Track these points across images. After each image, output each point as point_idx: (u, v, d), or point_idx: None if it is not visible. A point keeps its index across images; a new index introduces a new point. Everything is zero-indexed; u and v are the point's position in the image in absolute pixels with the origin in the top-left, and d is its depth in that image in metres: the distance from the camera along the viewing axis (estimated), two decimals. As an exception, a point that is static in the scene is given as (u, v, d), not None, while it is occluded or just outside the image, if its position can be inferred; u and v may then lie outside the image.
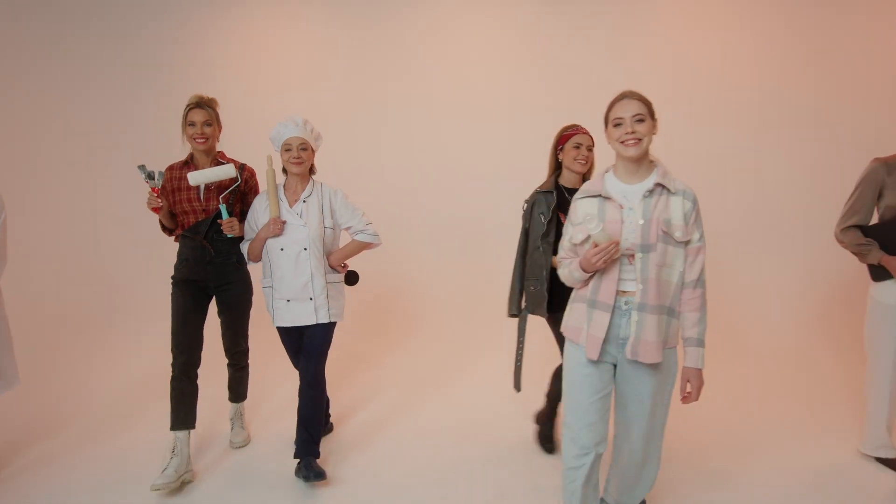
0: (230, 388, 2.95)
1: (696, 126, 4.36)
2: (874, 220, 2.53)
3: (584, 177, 2.50)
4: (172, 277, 2.67)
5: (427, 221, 4.67)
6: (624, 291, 1.74)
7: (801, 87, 4.28)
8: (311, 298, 2.57)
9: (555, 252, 2.41)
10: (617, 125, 1.75)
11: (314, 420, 2.56)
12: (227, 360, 2.89)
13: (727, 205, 4.37)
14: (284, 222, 2.55)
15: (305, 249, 2.56)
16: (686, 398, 1.77)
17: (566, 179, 2.49)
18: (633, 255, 1.71)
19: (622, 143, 1.73)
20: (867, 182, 2.34)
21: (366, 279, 3.25)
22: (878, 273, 2.35)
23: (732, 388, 3.42)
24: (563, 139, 2.48)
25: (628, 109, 1.73)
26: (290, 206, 2.59)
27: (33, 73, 4.45)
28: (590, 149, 2.45)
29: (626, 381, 1.82)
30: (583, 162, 2.43)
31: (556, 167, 2.53)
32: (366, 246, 2.68)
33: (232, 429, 2.96)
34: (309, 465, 2.46)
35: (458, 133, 4.58)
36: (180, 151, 2.75)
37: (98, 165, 4.50)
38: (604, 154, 2.36)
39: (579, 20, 4.42)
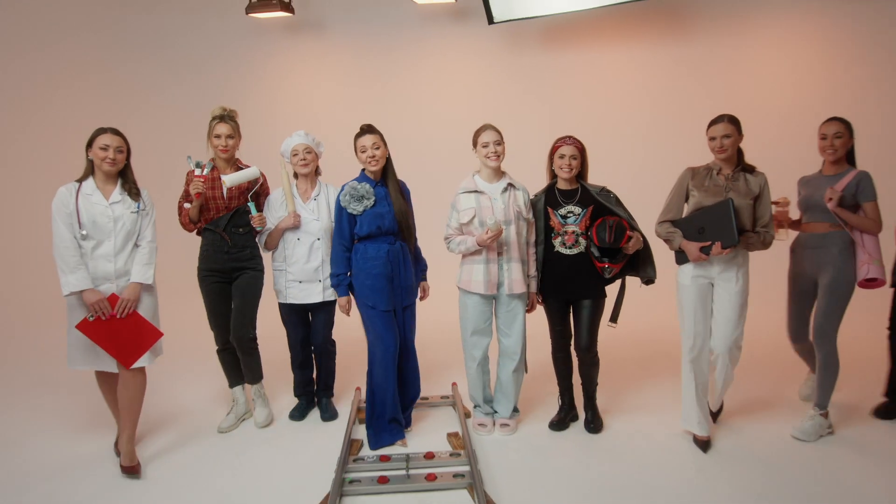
0: (245, 372, 3.12)
1: (618, 141, 5.49)
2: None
3: (579, 177, 2.87)
4: (198, 269, 3.03)
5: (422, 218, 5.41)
6: (501, 252, 2.81)
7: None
8: (320, 280, 3.03)
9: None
10: (484, 146, 2.82)
11: (328, 371, 3.29)
12: (237, 348, 3.05)
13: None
14: (300, 216, 3.00)
15: (318, 239, 3.03)
16: (530, 310, 2.97)
17: (560, 183, 2.89)
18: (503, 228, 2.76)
19: (487, 157, 2.81)
20: (677, 186, 2.82)
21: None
22: (680, 258, 2.79)
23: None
24: (553, 150, 2.87)
25: (491, 137, 2.81)
26: (304, 203, 3.05)
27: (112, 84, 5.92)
28: (574, 157, 2.79)
29: (506, 311, 2.91)
30: (566, 170, 2.80)
31: (554, 173, 2.90)
32: None
33: (255, 409, 3.14)
34: (328, 404, 3.24)
35: (448, 144, 5.44)
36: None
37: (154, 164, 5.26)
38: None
39: (533, 70, 5.70)
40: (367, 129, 2.85)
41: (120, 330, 2.51)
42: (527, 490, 2.47)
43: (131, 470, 2.57)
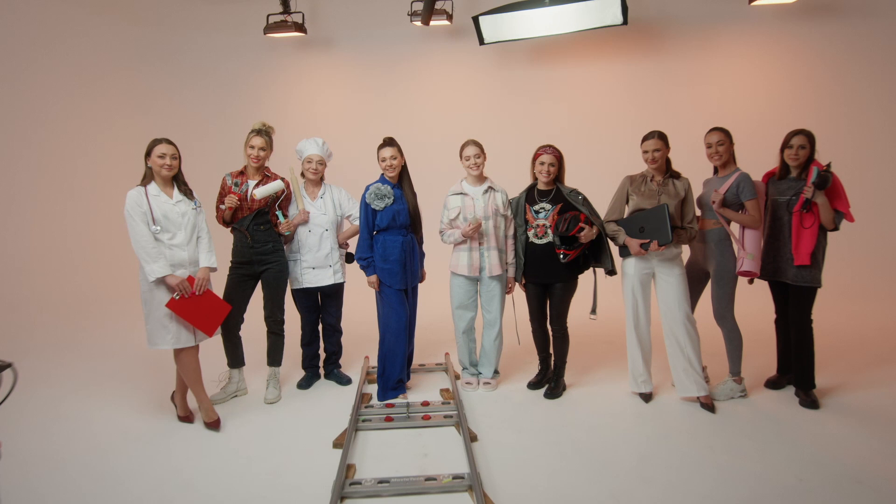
0: (268, 353, 3.62)
1: (596, 146, 6.18)
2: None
3: (557, 180, 3.42)
4: (230, 262, 3.50)
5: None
6: (482, 242, 3.50)
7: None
8: (330, 266, 3.62)
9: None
10: (467, 159, 3.51)
11: (338, 346, 3.86)
12: (266, 329, 3.58)
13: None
14: (309, 213, 3.58)
15: (326, 230, 3.61)
16: (509, 291, 3.62)
17: (540, 184, 3.46)
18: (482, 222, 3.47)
19: (469, 168, 3.52)
20: (618, 191, 3.41)
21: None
22: (624, 252, 3.37)
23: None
24: (534, 157, 3.44)
25: (472, 151, 3.50)
26: (312, 201, 3.62)
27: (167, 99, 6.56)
28: (552, 164, 3.32)
29: (487, 290, 3.61)
30: (545, 175, 3.35)
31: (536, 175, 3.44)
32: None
33: (266, 388, 3.61)
34: (340, 373, 3.87)
35: (443, 150, 6.01)
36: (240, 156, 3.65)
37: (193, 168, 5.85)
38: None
39: (520, 84, 6.43)
40: (388, 143, 3.46)
41: (199, 306, 3.02)
42: (502, 428, 3.16)
43: (186, 420, 3.26)
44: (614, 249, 3.48)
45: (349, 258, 3.77)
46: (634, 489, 2.55)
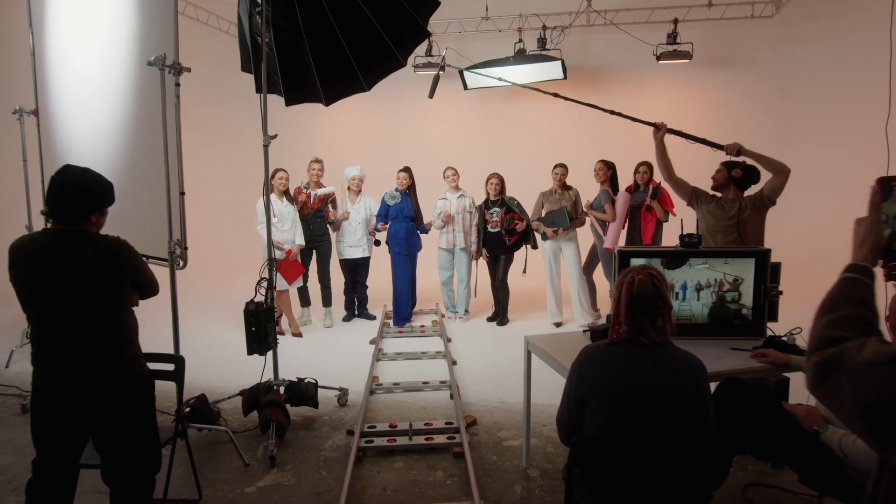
0: (323, 299, 5.86)
1: (541, 164, 7.85)
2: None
3: (501, 193, 5.72)
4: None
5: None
6: (454, 228, 5.47)
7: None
8: (361, 246, 5.88)
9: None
10: (447, 177, 5.64)
11: (365, 295, 6.04)
12: (320, 285, 5.94)
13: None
14: (349, 213, 5.87)
15: (359, 224, 5.86)
16: (473, 259, 5.57)
17: (491, 196, 5.74)
18: (454, 216, 5.47)
19: (449, 182, 5.58)
20: (537, 201, 5.59)
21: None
22: (543, 236, 5.57)
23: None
24: (487, 180, 5.75)
25: (450, 173, 5.66)
26: (353, 205, 5.93)
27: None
28: (497, 185, 5.65)
29: (459, 259, 5.85)
30: (493, 191, 5.67)
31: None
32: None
33: (325, 319, 5.91)
34: (368, 313, 6.00)
35: (436, 166, 8.09)
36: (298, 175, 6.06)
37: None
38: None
39: (494, 118, 8.56)
40: (404, 169, 5.72)
41: (290, 266, 5.27)
42: (466, 338, 5.37)
43: (280, 334, 5.43)
44: (537, 235, 5.68)
45: (377, 243, 5.99)
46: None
